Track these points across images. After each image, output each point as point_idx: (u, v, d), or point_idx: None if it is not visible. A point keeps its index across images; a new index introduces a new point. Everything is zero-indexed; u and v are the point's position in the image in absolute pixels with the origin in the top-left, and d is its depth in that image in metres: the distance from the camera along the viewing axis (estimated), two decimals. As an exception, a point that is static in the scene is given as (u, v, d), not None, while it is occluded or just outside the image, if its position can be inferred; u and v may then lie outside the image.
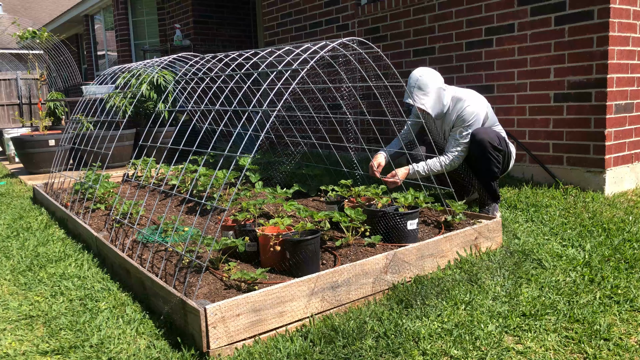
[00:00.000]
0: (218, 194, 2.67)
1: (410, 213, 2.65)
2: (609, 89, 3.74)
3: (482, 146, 3.14)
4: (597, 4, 3.71)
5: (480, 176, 3.26)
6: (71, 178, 4.62)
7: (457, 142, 3.25)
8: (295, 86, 2.34)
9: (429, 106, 3.21)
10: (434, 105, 3.22)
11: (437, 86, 3.22)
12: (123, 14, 10.25)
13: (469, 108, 3.21)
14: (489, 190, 3.25)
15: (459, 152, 3.25)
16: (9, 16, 16.20)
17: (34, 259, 2.96)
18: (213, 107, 2.64)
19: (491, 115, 3.35)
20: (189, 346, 1.88)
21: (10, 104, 10.35)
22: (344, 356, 1.81)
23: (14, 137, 6.57)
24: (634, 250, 2.67)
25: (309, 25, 6.41)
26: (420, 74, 3.22)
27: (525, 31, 4.18)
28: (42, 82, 9.65)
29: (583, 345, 1.85)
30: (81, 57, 15.62)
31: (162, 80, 6.42)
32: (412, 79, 3.23)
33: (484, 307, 2.13)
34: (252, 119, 7.60)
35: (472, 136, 3.19)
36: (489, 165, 3.17)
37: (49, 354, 1.94)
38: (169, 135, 6.18)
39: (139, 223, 3.28)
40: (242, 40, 9.43)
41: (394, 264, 2.35)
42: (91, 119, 6.56)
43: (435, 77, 3.23)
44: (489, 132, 3.19)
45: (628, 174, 4.01)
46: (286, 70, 2.51)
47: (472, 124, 3.21)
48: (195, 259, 2.28)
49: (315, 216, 2.67)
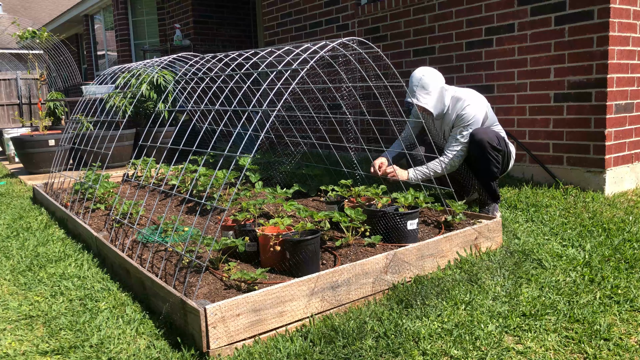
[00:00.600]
0: (218, 194, 2.67)
1: (410, 213, 2.65)
2: (609, 88, 3.74)
3: (482, 146, 3.14)
4: (597, 4, 3.71)
5: (480, 176, 3.26)
6: (71, 178, 4.62)
7: (457, 141, 3.25)
8: (295, 86, 2.33)
9: (431, 105, 3.21)
10: (435, 104, 3.22)
11: (439, 85, 3.22)
12: (123, 13, 10.24)
13: (468, 108, 3.21)
14: (488, 190, 3.25)
15: (459, 151, 3.25)
16: (8, 16, 16.20)
17: (34, 259, 2.96)
18: (213, 107, 2.64)
19: (491, 115, 3.35)
20: (189, 346, 1.88)
21: (10, 104, 10.35)
22: (344, 356, 1.81)
23: (14, 137, 6.57)
24: (634, 250, 2.67)
25: (309, 25, 6.41)
26: (423, 73, 3.22)
27: (525, 31, 4.18)
28: (42, 82, 9.65)
29: (583, 345, 1.85)
30: (81, 57, 15.62)
31: (162, 80, 6.42)
32: (414, 78, 3.23)
33: (484, 307, 2.13)
34: (252, 119, 7.60)
35: (472, 136, 3.19)
36: (488, 165, 3.17)
37: (49, 354, 1.94)
38: (168, 135, 6.18)
39: (138, 223, 3.28)
40: (242, 40, 9.43)
41: (394, 264, 2.35)
42: (91, 119, 6.56)
43: (437, 77, 3.24)
44: (489, 132, 3.19)
45: (628, 174, 4.01)
46: (286, 70, 2.51)
47: (471, 124, 3.21)
48: (195, 259, 2.28)
49: (315, 216, 2.67)
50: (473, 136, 3.18)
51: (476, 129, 3.20)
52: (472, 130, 3.20)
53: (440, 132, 3.45)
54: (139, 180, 4.53)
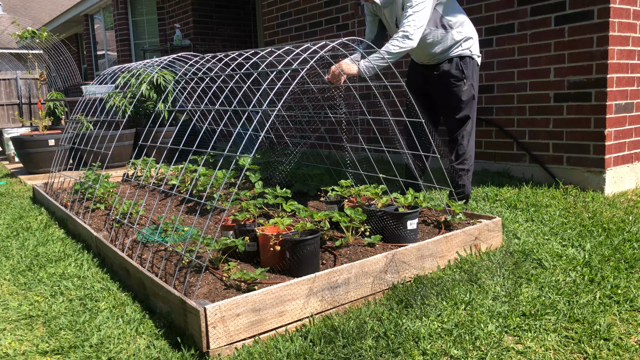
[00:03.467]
0: (218, 194, 2.66)
1: (410, 213, 2.65)
2: (609, 88, 3.74)
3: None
4: (597, 4, 3.71)
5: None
6: (71, 178, 4.61)
7: (407, 15, 2.97)
8: (295, 86, 2.34)
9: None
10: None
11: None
12: (123, 13, 10.24)
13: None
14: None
15: (412, 27, 2.94)
16: (8, 16, 16.21)
17: (34, 259, 2.96)
18: (213, 107, 2.64)
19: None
20: (189, 346, 1.88)
21: (10, 104, 10.35)
22: (343, 356, 1.81)
23: (14, 137, 6.57)
24: (634, 250, 2.67)
25: (309, 25, 6.41)
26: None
27: (525, 31, 4.18)
28: (41, 82, 9.65)
29: (583, 345, 1.85)
30: (81, 57, 15.62)
31: (162, 80, 6.42)
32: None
33: (484, 307, 2.13)
34: (252, 118, 7.60)
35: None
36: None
37: (49, 353, 1.94)
38: (168, 135, 6.18)
39: (138, 223, 3.28)
40: (242, 40, 9.43)
41: (394, 263, 2.35)
42: (91, 118, 6.56)
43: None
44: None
45: (628, 174, 4.01)
46: (286, 70, 2.51)
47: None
48: (195, 259, 2.28)
49: (315, 216, 2.67)
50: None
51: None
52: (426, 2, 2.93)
53: (393, 24, 3.23)
54: (139, 180, 4.53)
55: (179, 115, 6.75)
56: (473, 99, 3.26)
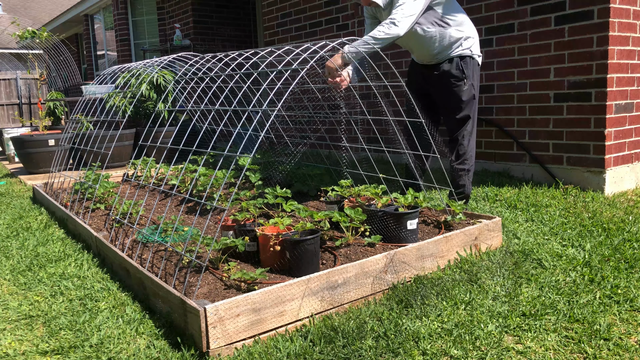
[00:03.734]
0: (218, 194, 2.66)
1: (410, 213, 2.65)
2: (609, 88, 3.74)
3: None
4: (597, 4, 3.71)
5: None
6: (71, 178, 4.61)
7: (398, 6, 2.95)
8: (295, 86, 2.33)
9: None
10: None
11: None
12: (123, 13, 10.24)
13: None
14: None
15: (399, 15, 2.91)
16: (8, 16, 16.22)
17: (34, 259, 2.96)
18: (213, 107, 2.64)
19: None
20: (189, 346, 1.88)
21: (10, 104, 10.35)
22: (344, 356, 1.81)
23: (14, 137, 6.57)
24: (634, 250, 2.67)
25: (309, 25, 6.41)
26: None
27: (525, 31, 4.18)
28: (41, 82, 9.65)
29: (583, 345, 1.85)
30: (81, 57, 15.62)
31: (162, 80, 6.42)
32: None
33: (484, 307, 2.13)
34: (252, 118, 7.60)
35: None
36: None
37: (49, 353, 1.94)
38: (168, 135, 6.18)
39: (138, 223, 3.28)
40: (242, 40, 9.43)
41: (394, 263, 2.35)
42: (91, 118, 6.56)
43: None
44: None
45: (628, 174, 4.01)
46: (286, 70, 2.51)
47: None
48: (195, 259, 2.28)
49: (315, 216, 2.67)
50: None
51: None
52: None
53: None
54: (139, 180, 4.53)
55: (179, 115, 6.75)
56: (473, 99, 3.26)
